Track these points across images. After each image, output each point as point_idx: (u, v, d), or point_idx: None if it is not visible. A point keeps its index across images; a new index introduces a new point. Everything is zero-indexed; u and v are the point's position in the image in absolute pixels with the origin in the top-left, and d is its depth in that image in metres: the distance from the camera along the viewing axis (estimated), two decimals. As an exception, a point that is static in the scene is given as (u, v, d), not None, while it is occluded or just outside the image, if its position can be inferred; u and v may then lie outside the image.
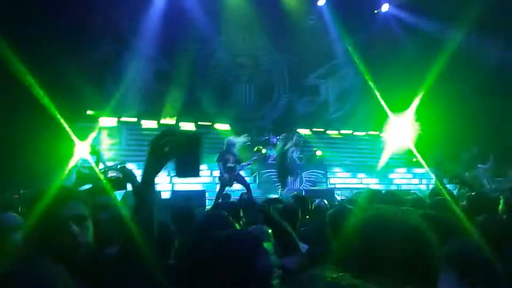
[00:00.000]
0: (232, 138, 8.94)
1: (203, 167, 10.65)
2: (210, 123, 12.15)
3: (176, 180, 10.05)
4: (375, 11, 13.85)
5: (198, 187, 9.58)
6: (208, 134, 11.66)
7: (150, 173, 1.59)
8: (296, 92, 13.70)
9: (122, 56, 11.21)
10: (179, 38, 11.50)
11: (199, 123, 11.96)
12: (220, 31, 12.65)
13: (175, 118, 11.67)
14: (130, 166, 9.43)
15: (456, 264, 1.52)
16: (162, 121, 11.61)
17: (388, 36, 13.46)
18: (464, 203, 3.89)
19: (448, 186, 8.86)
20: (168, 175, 10.20)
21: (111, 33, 11.12)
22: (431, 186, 11.58)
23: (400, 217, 1.20)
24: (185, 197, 7.77)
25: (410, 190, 10.35)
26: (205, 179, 10.27)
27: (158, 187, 8.54)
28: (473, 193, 4.66)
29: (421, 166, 12.00)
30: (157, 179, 1.59)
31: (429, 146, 11.28)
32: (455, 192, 8.25)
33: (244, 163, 8.95)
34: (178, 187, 9.63)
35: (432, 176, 11.92)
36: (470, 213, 2.65)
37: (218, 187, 8.95)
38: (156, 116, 11.58)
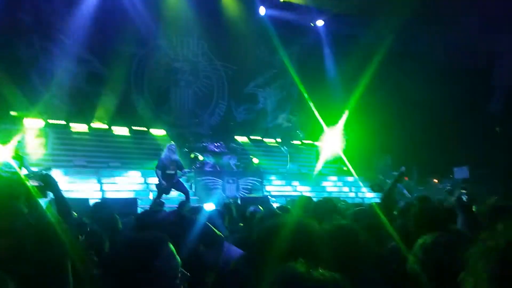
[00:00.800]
0: (173, 144, 8.72)
1: (136, 173, 10.33)
2: (146, 128, 11.80)
3: (107, 187, 9.64)
4: (311, 24, 14.43)
5: (130, 195, 9.24)
6: (143, 140, 11.34)
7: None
8: (234, 99, 13.80)
9: (52, 55, 10.58)
10: (114, 39, 11.09)
11: (133, 127, 11.57)
12: (159, 35, 12.41)
13: (106, 122, 11.19)
14: (55, 172, 8.92)
15: None
16: (93, 124, 11.09)
17: (322, 49, 14.07)
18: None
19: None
20: (98, 182, 9.76)
21: (40, 30, 10.47)
22: (360, 194, 12.20)
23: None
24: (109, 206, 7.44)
25: (340, 197, 10.80)
26: (138, 186, 9.94)
27: (87, 195, 8.16)
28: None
29: (351, 174, 12.64)
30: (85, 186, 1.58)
31: (356, 156, 11.93)
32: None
33: (185, 170, 8.77)
34: (108, 195, 9.23)
35: (361, 184, 12.63)
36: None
37: (151, 195, 8.70)
38: (87, 119, 11.03)
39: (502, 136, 11.85)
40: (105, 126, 11.21)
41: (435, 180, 11.69)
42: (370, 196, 11.72)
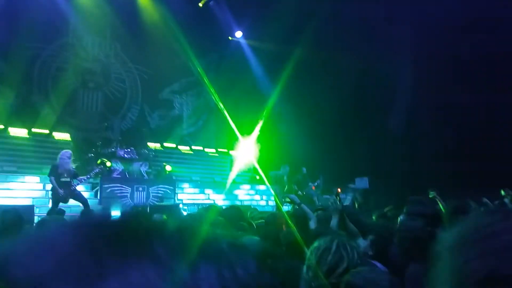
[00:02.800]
0: (67, 152, 8.14)
1: (34, 179, 9.54)
2: (48, 131, 10.97)
3: (0, 193, 8.76)
4: (230, 38, 14.66)
5: (27, 202, 8.50)
6: (45, 143, 10.52)
7: None
8: (148, 104, 13.46)
9: None
10: (17, 34, 10.21)
11: (33, 130, 10.68)
12: (67, 32, 11.69)
13: (2, 122, 10.21)
14: None
15: None
16: (-13, 125, 10.07)
17: (239, 61, 14.37)
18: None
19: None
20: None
21: None
22: (270, 203, 12.59)
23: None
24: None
25: (251, 205, 11.05)
26: (36, 193, 9.18)
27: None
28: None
29: (263, 183, 13.00)
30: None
31: (269, 165, 12.32)
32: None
33: (82, 177, 8.26)
34: (2, 201, 8.38)
35: (273, 192, 13.04)
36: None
37: (51, 202, 8.08)
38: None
39: (400, 151, 13.02)
40: (1, 127, 10.22)
41: (339, 189, 12.49)
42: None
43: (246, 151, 13.01)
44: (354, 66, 12.56)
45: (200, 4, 13.45)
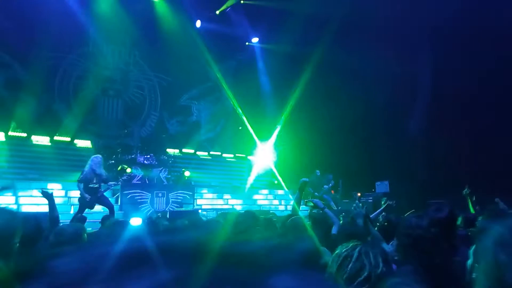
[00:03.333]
0: (98, 157, 8.30)
1: (56, 186, 9.71)
2: (69, 139, 11.17)
3: (23, 200, 8.96)
4: (246, 43, 14.70)
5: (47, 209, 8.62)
6: (66, 151, 10.72)
7: None
8: (167, 111, 13.58)
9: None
10: (39, 43, 10.43)
11: (55, 137, 10.90)
12: (88, 41, 11.93)
13: (25, 130, 10.45)
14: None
15: None
16: (11, 133, 10.31)
17: (257, 66, 14.39)
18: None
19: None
20: (14, 194, 9.04)
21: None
22: (289, 207, 12.49)
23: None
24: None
25: (270, 210, 10.99)
26: (58, 199, 9.32)
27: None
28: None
29: (281, 188, 12.94)
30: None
31: (287, 170, 12.26)
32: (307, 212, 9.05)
33: (110, 183, 8.38)
34: (25, 208, 8.57)
35: (291, 197, 12.95)
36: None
37: (73, 209, 8.22)
38: (4, 127, 10.23)
39: (421, 154, 12.79)
40: (24, 135, 10.45)
41: (359, 194, 12.32)
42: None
43: (264, 156, 12.98)
44: (373, 69, 12.42)
45: (217, 12, 13.53)
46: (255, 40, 14.71)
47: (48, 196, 4.50)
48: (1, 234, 1.99)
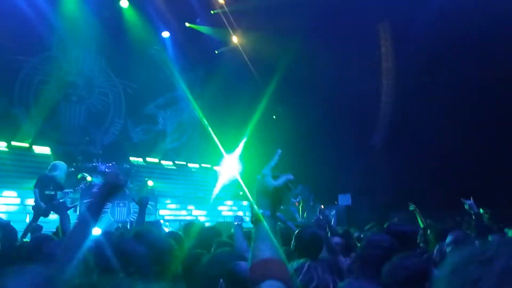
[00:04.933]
0: (63, 163, 8.06)
1: (12, 193, 9.30)
2: (27, 145, 10.74)
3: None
4: (216, 51, 14.74)
5: (3, 216, 8.24)
6: (24, 157, 10.29)
7: None
8: (132, 119, 13.35)
9: None
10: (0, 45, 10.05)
11: (12, 143, 10.45)
12: (52, 45, 11.59)
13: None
14: None
15: None
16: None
17: (225, 76, 14.44)
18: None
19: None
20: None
21: None
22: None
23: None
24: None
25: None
26: (13, 207, 8.94)
27: None
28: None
29: (247, 199, 12.94)
30: None
31: (252, 181, 12.28)
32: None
33: (67, 191, 8.10)
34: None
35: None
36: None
37: (28, 217, 7.89)
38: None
39: (383, 167, 13.16)
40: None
41: (322, 206, 12.51)
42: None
43: (230, 166, 12.96)
44: (339, 81, 12.75)
45: (187, 24, 13.55)
46: (224, 50, 14.77)
47: None
48: None
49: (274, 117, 14.01)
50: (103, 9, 11.83)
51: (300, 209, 12.67)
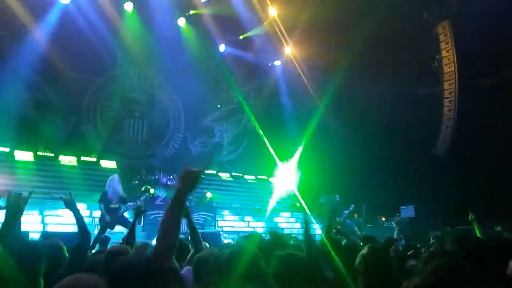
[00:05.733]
0: (114, 176, 8.46)
1: (82, 206, 9.85)
2: (95, 159, 11.39)
3: (50, 220, 9.12)
4: (269, 64, 14.85)
5: (74, 229, 8.74)
6: (92, 171, 10.91)
7: None
8: (191, 132, 13.74)
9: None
10: (68, 66, 10.80)
11: (82, 158, 11.12)
12: (116, 65, 12.28)
13: (53, 151, 10.70)
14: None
15: None
16: (40, 153, 10.58)
17: (279, 88, 14.50)
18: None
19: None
20: (40, 214, 9.23)
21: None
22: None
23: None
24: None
25: (292, 234, 10.84)
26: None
27: (27, 227, 7.66)
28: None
29: (304, 211, 12.74)
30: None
31: (309, 193, 12.10)
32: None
33: (130, 203, 8.47)
34: (50, 228, 8.72)
35: (313, 220, 12.74)
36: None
37: (97, 229, 8.31)
38: (32, 147, 10.52)
39: (446, 177, 12.48)
40: (52, 155, 10.71)
41: (383, 218, 12.04)
42: (320, 233, 11.82)
43: (286, 178, 12.88)
44: (396, 87, 12.33)
45: (241, 37, 13.78)
46: (277, 62, 14.85)
47: (70, 205, 4.05)
48: (27, 268, 2.10)
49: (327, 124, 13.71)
50: (162, 28, 12.34)
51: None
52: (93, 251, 6.29)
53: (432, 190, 12.05)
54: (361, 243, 4.85)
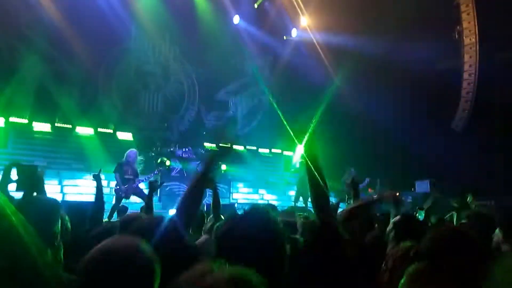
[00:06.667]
0: (134, 151, 8.59)
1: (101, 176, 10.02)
2: (112, 131, 11.52)
3: (68, 190, 9.34)
4: (284, 37, 14.57)
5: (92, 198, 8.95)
6: (109, 142, 11.05)
7: None
8: (205, 105, 13.73)
9: (16, 51, 10.21)
10: (84, 38, 10.79)
11: (99, 129, 11.26)
12: (131, 37, 12.24)
13: (71, 122, 10.85)
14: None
15: None
16: (57, 124, 10.74)
17: (295, 61, 14.26)
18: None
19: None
20: (59, 184, 9.46)
21: (6, 24, 10.08)
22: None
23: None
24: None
25: (306, 207, 10.91)
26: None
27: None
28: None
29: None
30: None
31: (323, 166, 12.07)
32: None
33: (145, 176, 8.62)
34: (69, 198, 8.94)
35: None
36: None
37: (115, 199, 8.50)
38: (50, 118, 10.68)
39: (464, 152, 12.30)
40: (69, 126, 10.86)
41: (397, 193, 11.99)
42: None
43: (300, 152, 12.84)
44: (414, 61, 12.02)
45: (256, 5, 13.50)
46: (293, 34, 14.55)
47: (98, 178, 4.60)
48: (42, 223, 2.06)
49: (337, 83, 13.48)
50: (176, -1, 12.18)
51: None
52: (112, 220, 6.45)
53: (450, 165, 11.90)
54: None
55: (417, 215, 6.48)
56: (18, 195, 3.32)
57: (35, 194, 3.42)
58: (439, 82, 12.47)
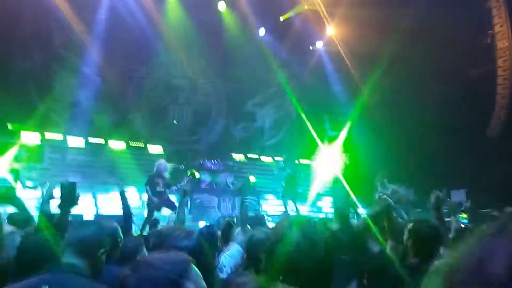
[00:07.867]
0: (163, 162, 8.68)
1: (132, 189, 10.21)
2: (143, 145, 11.74)
3: (102, 203, 9.53)
4: (310, 47, 14.54)
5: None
6: (140, 156, 11.26)
7: None
8: (232, 117, 13.82)
9: (50, 69, 10.61)
10: (114, 56, 11.14)
11: (130, 143, 11.50)
12: (160, 52, 12.51)
13: (103, 137, 11.13)
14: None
15: None
16: (91, 140, 11.04)
17: (320, 71, 14.20)
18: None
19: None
20: (93, 198, 9.66)
21: (40, 43, 10.51)
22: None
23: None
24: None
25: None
26: (133, 203, 9.80)
27: (81, 211, 8.02)
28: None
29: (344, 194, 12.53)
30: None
31: (353, 176, 11.87)
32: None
33: (173, 187, 8.69)
34: (102, 211, 9.11)
35: (358, 204, 12.51)
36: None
37: (146, 212, 8.60)
38: (84, 134, 10.99)
39: (500, 160, 11.84)
40: (102, 141, 11.14)
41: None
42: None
43: (329, 162, 12.70)
44: (447, 67, 11.73)
45: (282, 18, 13.56)
46: (319, 44, 14.50)
47: (123, 196, 4.56)
48: (89, 245, 2.05)
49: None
50: (203, 13, 12.39)
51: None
52: (144, 233, 6.53)
53: (486, 173, 11.47)
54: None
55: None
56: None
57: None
58: (473, 89, 12.11)
